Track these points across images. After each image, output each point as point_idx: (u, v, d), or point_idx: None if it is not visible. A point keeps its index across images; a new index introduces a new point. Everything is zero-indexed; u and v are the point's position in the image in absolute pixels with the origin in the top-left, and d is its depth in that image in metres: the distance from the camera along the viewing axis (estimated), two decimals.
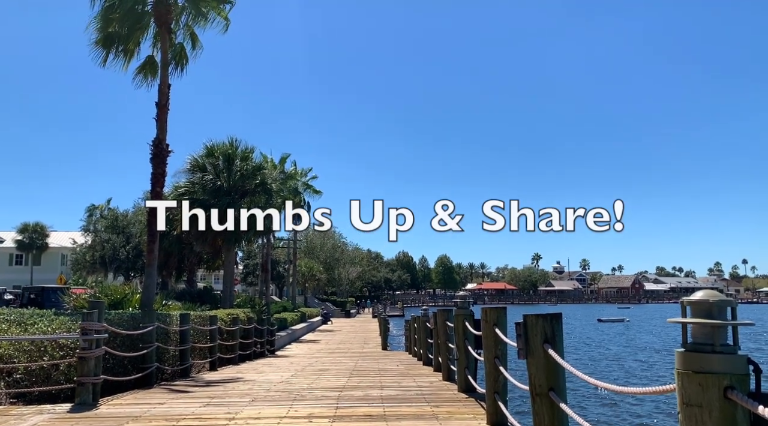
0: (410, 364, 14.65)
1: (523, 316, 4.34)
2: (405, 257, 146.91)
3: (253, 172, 25.48)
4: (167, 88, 14.92)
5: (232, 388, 9.98)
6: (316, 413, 6.99)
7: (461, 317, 8.31)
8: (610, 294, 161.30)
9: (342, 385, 9.89)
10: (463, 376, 8.36)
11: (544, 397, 4.09)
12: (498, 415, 5.97)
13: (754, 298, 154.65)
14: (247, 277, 70.57)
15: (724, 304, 2.13)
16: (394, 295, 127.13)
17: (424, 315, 15.00)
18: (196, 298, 25.80)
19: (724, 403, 2.02)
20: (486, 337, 6.21)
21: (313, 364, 15.42)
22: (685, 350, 2.18)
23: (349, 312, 69.51)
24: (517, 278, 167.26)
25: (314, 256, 72.94)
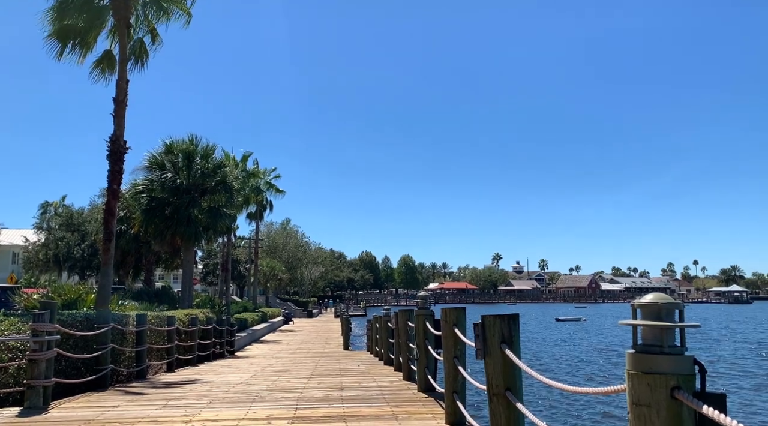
0: (371, 364, 14.66)
1: (481, 316, 4.38)
2: (368, 257, 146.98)
3: (213, 170, 25.11)
4: (125, 83, 14.57)
5: (189, 389, 9.81)
6: (275, 415, 6.93)
7: (422, 317, 8.35)
8: (567, 293, 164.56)
9: (302, 386, 9.84)
10: (423, 376, 8.41)
11: (501, 396, 4.14)
12: (456, 414, 6.02)
13: (703, 298, 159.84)
14: (207, 277, 69.49)
15: (672, 307, 2.20)
16: (356, 295, 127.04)
17: (385, 315, 15.01)
18: (154, 297, 25.28)
19: (671, 402, 2.08)
20: (446, 338, 6.26)
21: (274, 364, 15.29)
22: (635, 352, 2.23)
23: (311, 312, 69.16)
24: (478, 278, 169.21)
25: (276, 255, 72.30)
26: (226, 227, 27.91)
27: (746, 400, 17.16)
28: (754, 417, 14.72)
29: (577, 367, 25.28)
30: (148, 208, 23.97)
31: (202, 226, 24.72)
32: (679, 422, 2.08)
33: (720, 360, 27.48)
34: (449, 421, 6.11)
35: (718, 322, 60.33)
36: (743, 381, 20.76)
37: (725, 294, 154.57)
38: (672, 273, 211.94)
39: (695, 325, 2.24)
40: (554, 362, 27.11)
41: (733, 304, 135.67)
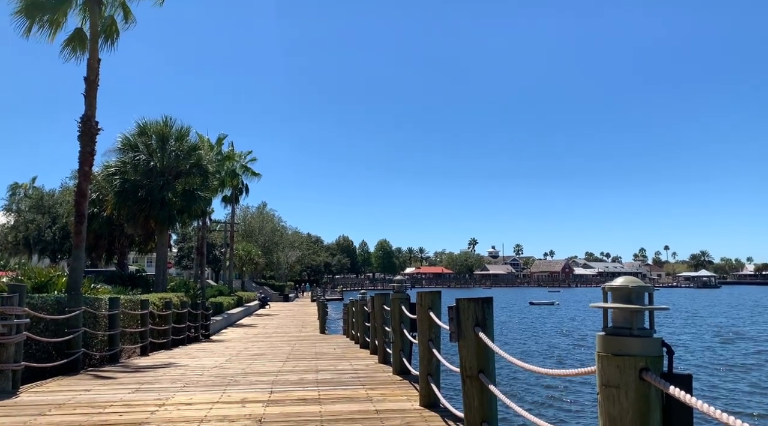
0: (347, 347, 14.71)
1: (455, 300, 4.41)
2: (345, 241, 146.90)
3: (188, 153, 24.73)
4: (97, 62, 14.20)
5: (163, 373, 9.75)
6: (250, 398, 6.92)
7: (398, 301, 8.39)
8: (541, 278, 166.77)
9: (277, 370, 9.83)
10: (398, 359, 8.46)
11: (474, 379, 4.18)
12: (431, 396, 6.08)
13: (673, 283, 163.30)
14: (181, 261, 68.86)
15: (642, 290, 2.22)
16: (333, 279, 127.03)
17: (362, 299, 15.07)
18: (128, 281, 24.98)
19: (640, 383, 2.11)
20: (421, 321, 6.29)
21: (249, 348, 15.25)
22: (605, 334, 2.26)
23: (287, 296, 68.97)
24: (454, 262, 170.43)
25: (252, 239, 71.82)
26: (201, 211, 27.59)
27: (711, 381, 17.64)
28: (718, 397, 15.14)
29: (549, 350, 25.70)
30: (121, 190, 23.56)
31: (176, 209, 24.40)
32: (646, 403, 2.11)
33: (686, 342, 28.20)
34: (423, 403, 6.16)
35: (685, 306, 61.76)
36: (709, 363, 21.31)
37: (694, 279, 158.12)
38: (644, 258, 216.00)
39: (664, 307, 2.27)
40: (527, 345, 27.53)
41: (701, 289, 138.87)
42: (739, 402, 14.76)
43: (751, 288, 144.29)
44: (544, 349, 25.94)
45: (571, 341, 29.18)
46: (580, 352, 24.19)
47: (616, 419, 2.15)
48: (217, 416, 5.92)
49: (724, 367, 20.23)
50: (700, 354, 23.91)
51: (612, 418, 2.16)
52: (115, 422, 5.69)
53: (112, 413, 6.14)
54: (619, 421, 2.13)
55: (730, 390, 16.30)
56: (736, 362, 21.36)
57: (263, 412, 6.09)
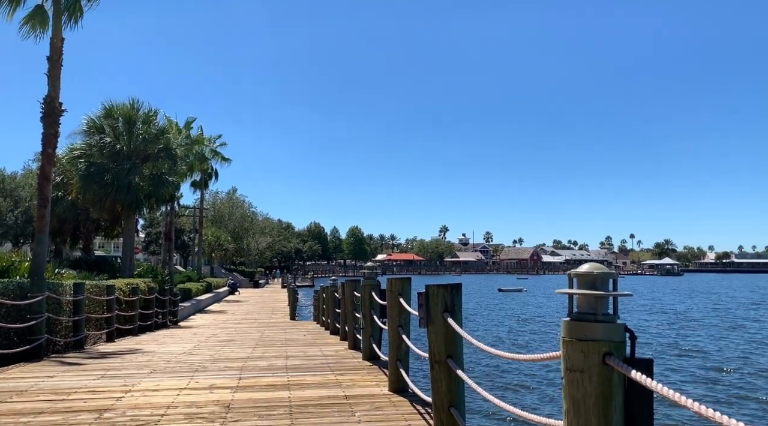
0: (318, 333, 14.72)
1: (425, 286, 4.43)
2: (316, 228, 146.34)
3: (156, 136, 24.29)
4: (60, 41, 13.76)
5: (129, 359, 9.62)
6: (218, 384, 6.88)
7: (368, 287, 8.42)
8: (510, 265, 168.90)
9: (246, 356, 9.79)
10: (368, 345, 8.50)
11: (443, 364, 4.22)
12: (399, 382, 6.13)
13: (638, 270, 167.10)
14: (149, 246, 67.80)
15: (606, 277, 2.25)
16: (304, 266, 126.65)
17: (332, 285, 15.06)
18: (93, 266, 24.49)
19: (603, 368, 2.15)
20: (391, 307, 6.33)
21: (218, 334, 15.14)
22: (570, 319, 2.29)
23: (257, 282, 68.55)
24: (425, 249, 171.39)
25: (222, 225, 71.04)
26: (169, 195, 27.13)
27: (672, 365, 18.15)
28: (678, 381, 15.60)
29: (516, 336, 26.10)
30: (86, 173, 23.04)
31: (143, 193, 23.98)
32: (609, 387, 2.15)
33: (647, 328, 28.96)
34: (392, 388, 6.21)
35: (648, 293, 63.35)
36: (670, 348, 21.92)
37: (658, 266, 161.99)
38: (610, 246, 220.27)
39: (627, 294, 2.31)
40: (495, 331, 27.90)
41: (665, 276, 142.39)
42: (696, 385, 15.22)
43: (711, 275, 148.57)
44: (512, 335, 26.33)
45: (538, 327, 29.68)
46: (546, 338, 24.62)
47: (579, 403, 2.18)
48: (185, 402, 5.88)
49: (683, 352, 20.82)
50: (662, 339, 24.56)
51: (576, 402, 2.19)
52: (79, 409, 5.60)
53: (77, 400, 6.04)
54: (583, 404, 2.17)
55: (690, 374, 16.78)
56: (695, 347, 21.99)
57: (232, 397, 6.06)
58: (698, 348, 21.70)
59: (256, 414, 5.32)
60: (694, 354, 20.33)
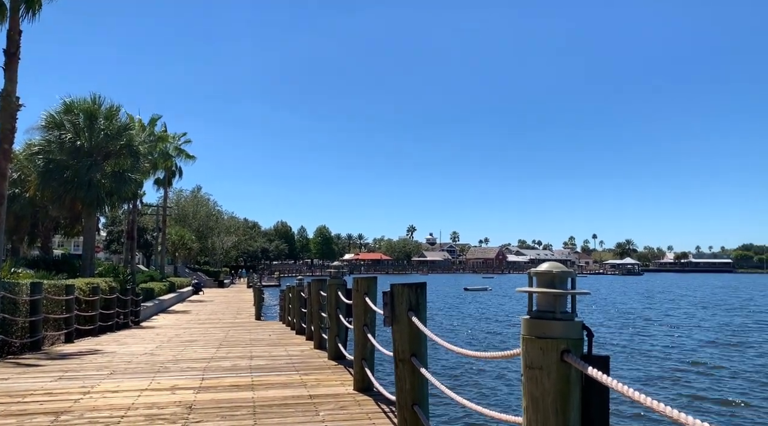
0: (283, 333, 14.62)
1: (390, 285, 4.45)
2: (283, 227, 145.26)
3: (118, 133, 23.77)
4: (18, 34, 13.40)
5: (89, 360, 9.40)
6: (181, 385, 6.78)
7: (334, 287, 8.40)
8: (476, 264, 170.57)
9: (210, 356, 9.66)
10: (334, 344, 8.49)
11: (407, 362, 4.25)
12: (364, 381, 6.13)
13: (600, 270, 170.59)
14: (111, 245, 66.23)
15: (565, 275, 2.30)
16: (271, 265, 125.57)
17: (298, 284, 14.97)
18: (53, 266, 23.83)
19: (561, 365, 2.19)
20: (356, 306, 6.33)
21: (181, 335, 14.90)
22: (530, 317, 2.32)
23: (222, 282, 67.66)
24: (393, 249, 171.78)
25: (186, 224, 69.87)
26: (131, 193, 26.62)
27: (628, 362, 18.59)
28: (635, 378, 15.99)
29: (479, 334, 26.35)
30: (44, 170, 22.41)
31: (105, 191, 23.44)
32: (567, 383, 2.19)
33: (605, 325, 29.63)
34: (357, 388, 6.21)
35: (607, 292, 64.76)
36: (626, 346, 22.44)
37: (619, 266, 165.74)
38: (573, 246, 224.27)
39: (585, 292, 2.35)
40: (459, 329, 28.14)
41: (626, 276, 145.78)
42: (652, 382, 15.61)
43: (670, 275, 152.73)
44: (475, 333, 26.58)
45: (501, 325, 30.04)
46: (508, 336, 24.95)
47: (538, 399, 2.21)
48: (146, 403, 5.77)
49: (639, 350, 21.33)
50: (619, 337, 25.12)
51: (534, 399, 2.23)
52: (35, 411, 5.45)
53: (32, 402, 5.87)
54: (541, 401, 2.20)
55: (645, 371, 17.21)
56: (652, 346, 22.55)
57: (194, 398, 5.98)
58: (652, 347, 22.22)
59: (218, 415, 5.26)
60: (647, 352, 20.80)
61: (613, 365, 15.22)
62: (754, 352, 20.70)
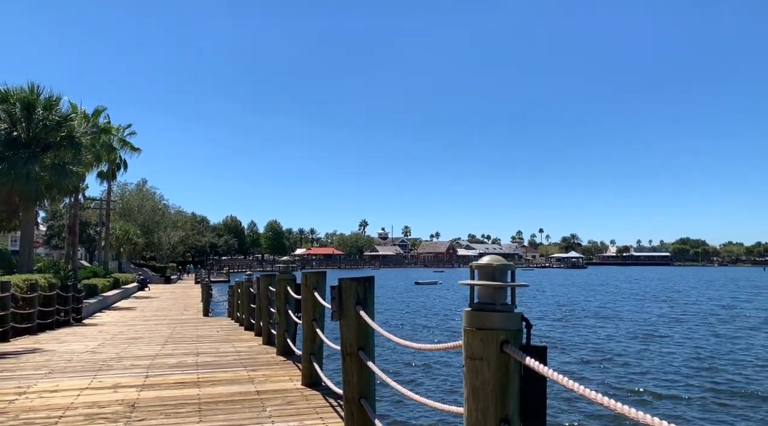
0: (231, 329, 14.42)
1: (338, 279, 4.45)
2: (233, 222, 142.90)
3: (58, 123, 22.84)
4: None
5: (26, 360, 9.04)
6: (123, 383, 6.61)
7: (283, 282, 8.34)
8: (428, 259, 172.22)
9: (155, 353, 9.45)
10: (283, 340, 8.43)
11: (354, 356, 4.26)
12: (313, 376, 6.13)
13: (546, 263, 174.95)
14: (51, 240, 63.75)
15: (505, 268, 2.35)
16: (220, 261, 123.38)
17: (247, 280, 14.79)
18: None
19: (501, 355, 2.24)
20: (305, 301, 6.30)
21: (125, 332, 14.50)
22: (471, 309, 2.37)
23: (169, 278, 66.07)
24: (345, 244, 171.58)
25: (131, 218, 67.90)
26: (72, 186, 25.65)
27: (565, 353, 19.16)
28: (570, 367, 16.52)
29: (428, 326, 26.64)
30: None
31: (44, 184, 22.50)
32: (506, 373, 2.24)
33: (545, 317, 30.51)
34: (305, 383, 6.20)
35: (550, 285, 66.58)
36: (562, 337, 23.13)
37: (565, 260, 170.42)
38: (520, 240, 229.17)
39: (524, 284, 2.41)
40: (408, 322, 28.38)
41: (570, 269, 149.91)
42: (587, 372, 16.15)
43: (612, 268, 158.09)
44: (424, 326, 26.87)
45: (449, 318, 30.46)
46: (455, 328, 25.33)
47: (478, 389, 2.26)
48: (86, 403, 5.61)
49: (575, 341, 21.99)
50: (556, 328, 25.87)
51: (475, 389, 2.27)
52: None
53: None
54: (482, 391, 2.25)
55: (582, 360, 17.77)
56: (587, 336, 23.27)
57: (137, 396, 5.84)
58: (586, 338, 22.92)
59: (162, 412, 5.15)
60: (582, 343, 21.43)
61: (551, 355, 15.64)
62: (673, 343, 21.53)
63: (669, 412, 11.75)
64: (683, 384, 14.43)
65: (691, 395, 13.26)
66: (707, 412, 11.89)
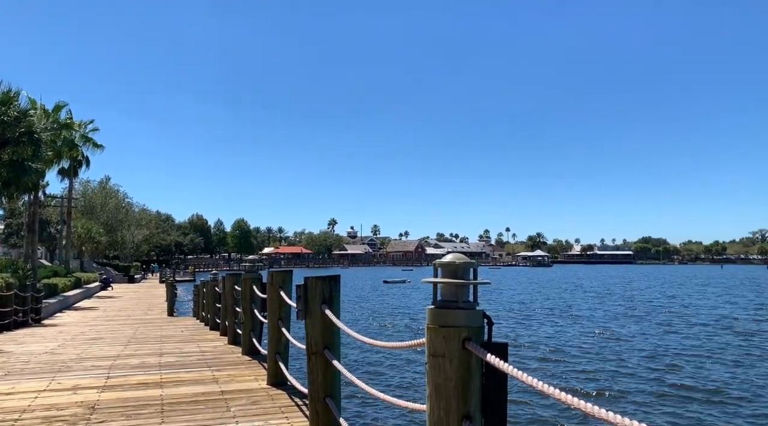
0: (196, 329, 14.22)
1: (304, 278, 4.43)
2: (199, 220, 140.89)
3: (17, 119, 22.17)
4: None
5: None
6: (84, 384, 6.46)
7: (249, 281, 8.26)
8: (396, 257, 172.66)
9: (117, 354, 9.26)
10: (248, 339, 8.35)
11: (319, 355, 4.25)
12: (278, 375, 6.09)
13: (513, 262, 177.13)
14: (9, 238, 61.91)
15: (468, 266, 2.37)
16: (185, 260, 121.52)
17: (213, 279, 14.62)
18: None
19: (462, 352, 2.26)
20: (271, 300, 6.25)
21: (86, 332, 14.16)
22: (434, 307, 2.39)
23: (133, 277, 64.78)
24: (314, 242, 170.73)
25: (94, 216, 66.35)
26: (32, 183, 24.91)
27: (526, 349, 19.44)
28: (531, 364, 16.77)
29: (396, 325, 26.69)
30: None
31: (2, 181, 21.85)
32: (468, 370, 2.26)
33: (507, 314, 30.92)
34: (271, 382, 6.16)
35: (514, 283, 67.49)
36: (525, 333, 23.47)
37: (530, 258, 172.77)
38: (488, 239, 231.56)
39: (486, 282, 2.44)
40: (375, 321, 28.40)
41: (536, 267, 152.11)
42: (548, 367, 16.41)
43: (577, 266, 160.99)
44: (392, 324, 26.91)
45: (415, 315, 30.59)
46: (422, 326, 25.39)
47: (441, 386, 2.28)
48: (44, 405, 5.46)
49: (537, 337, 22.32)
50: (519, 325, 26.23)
51: (437, 386, 2.29)
52: None
53: None
54: (444, 388, 2.27)
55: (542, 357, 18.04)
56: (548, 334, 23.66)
57: (98, 398, 5.72)
58: (550, 335, 23.26)
59: (123, 414, 5.05)
60: (544, 340, 21.72)
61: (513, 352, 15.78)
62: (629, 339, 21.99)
63: (625, 408, 12.00)
64: (638, 380, 14.75)
65: (645, 390, 13.59)
66: (662, 406, 12.20)
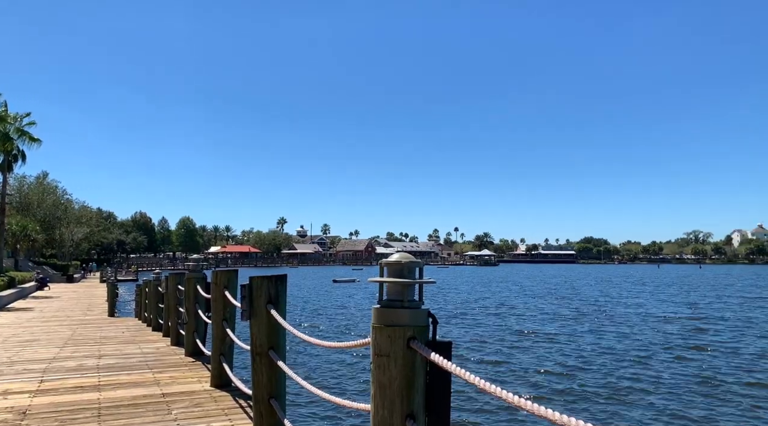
0: (138, 330, 13.79)
1: (249, 278, 4.35)
2: (143, 218, 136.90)
3: None
4: None
5: None
6: (14, 389, 6.16)
7: (192, 280, 8.08)
8: (346, 256, 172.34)
9: (52, 357, 8.88)
10: (192, 340, 8.16)
11: (264, 356, 4.18)
12: (222, 377, 5.97)
13: (460, 261, 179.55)
14: None
15: (413, 265, 2.37)
16: (128, 259, 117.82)
17: (155, 279, 14.26)
18: None
19: (407, 351, 2.26)
20: (215, 300, 6.13)
21: (19, 334, 13.53)
22: (380, 306, 2.38)
23: (72, 276, 62.34)
24: (262, 241, 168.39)
25: (30, 213, 63.50)
26: None
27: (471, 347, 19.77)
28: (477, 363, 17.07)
29: (342, 325, 26.66)
30: None
31: None
32: (412, 369, 2.26)
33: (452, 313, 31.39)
34: (215, 384, 6.03)
35: (458, 282, 68.53)
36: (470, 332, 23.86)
37: (477, 257, 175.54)
38: (437, 238, 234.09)
39: (431, 281, 2.45)
40: (322, 320, 28.29)
41: (483, 267, 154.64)
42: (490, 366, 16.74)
43: (522, 265, 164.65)
44: (340, 324, 26.86)
45: (363, 315, 30.63)
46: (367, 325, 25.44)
47: (386, 386, 2.27)
48: None
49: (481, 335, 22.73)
50: (463, 324, 26.64)
51: (382, 385, 2.28)
52: None
53: None
54: (389, 387, 2.26)
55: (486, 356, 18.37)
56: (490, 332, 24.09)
57: (29, 403, 5.47)
58: (494, 333, 23.68)
59: (57, 419, 4.85)
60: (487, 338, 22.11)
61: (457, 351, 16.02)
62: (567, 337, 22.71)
63: (565, 405, 12.33)
64: (577, 377, 15.18)
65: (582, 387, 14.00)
66: (599, 404, 12.59)
